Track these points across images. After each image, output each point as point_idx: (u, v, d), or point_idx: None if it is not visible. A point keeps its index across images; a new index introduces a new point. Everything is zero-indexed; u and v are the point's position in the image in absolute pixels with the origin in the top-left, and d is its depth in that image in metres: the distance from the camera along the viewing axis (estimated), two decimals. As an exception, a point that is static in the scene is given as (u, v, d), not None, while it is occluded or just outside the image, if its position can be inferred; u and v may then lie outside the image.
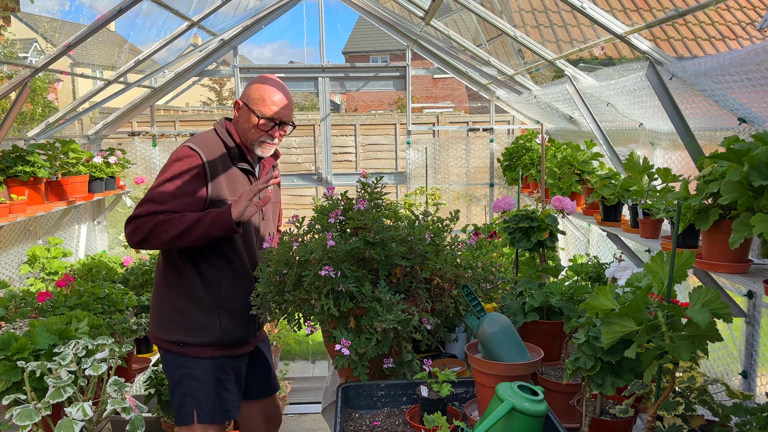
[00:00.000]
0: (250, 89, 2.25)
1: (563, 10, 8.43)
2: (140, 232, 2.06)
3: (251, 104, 2.21)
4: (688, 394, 1.71)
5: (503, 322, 1.82)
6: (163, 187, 2.10)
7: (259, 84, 2.24)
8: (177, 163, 2.11)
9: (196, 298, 2.20)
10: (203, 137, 2.21)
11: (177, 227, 2.06)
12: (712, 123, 2.28)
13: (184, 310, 2.20)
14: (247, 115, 2.23)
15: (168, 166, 2.13)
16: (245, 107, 2.23)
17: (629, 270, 2.26)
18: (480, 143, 4.80)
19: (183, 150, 2.14)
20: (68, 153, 3.62)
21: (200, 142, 2.17)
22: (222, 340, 2.22)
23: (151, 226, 2.05)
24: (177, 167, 2.11)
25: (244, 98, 2.25)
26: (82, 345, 2.25)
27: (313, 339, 5.45)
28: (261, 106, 2.20)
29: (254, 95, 2.22)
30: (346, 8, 4.47)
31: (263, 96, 2.21)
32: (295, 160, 8.00)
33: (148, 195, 2.11)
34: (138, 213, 2.08)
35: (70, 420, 1.99)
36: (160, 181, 2.11)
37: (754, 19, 8.55)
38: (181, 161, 2.11)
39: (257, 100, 2.21)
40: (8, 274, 3.55)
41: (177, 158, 2.12)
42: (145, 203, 2.09)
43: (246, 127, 2.23)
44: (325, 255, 2.02)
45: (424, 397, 1.82)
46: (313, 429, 4.41)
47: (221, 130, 2.25)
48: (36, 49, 11.45)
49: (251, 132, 2.23)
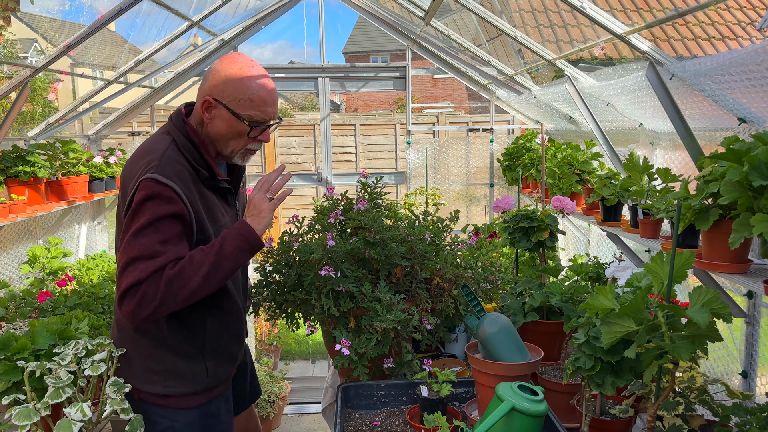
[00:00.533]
0: (225, 82, 1.66)
1: (563, 10, 8.43)
2: (150, 299, 1.54)
3: (234, 106, 1.66)
4: (688, 394, 1.71)
5: (503, 322, 1.82)
6: (145, 237, 1.56)
7: (238, 75, 1.67)
8: (150, 204, 1.56)
9: (175, 347, 1.74)
10: (168, 160, 1.62)
11: (197, 274, 1.56)
12: (712, 123, 2.27)
13: (162, 358, 1.74)
14: (227, 120, 1.67)
15: (139, 208, 1.57)
16: (224, 109, 1.66)
17: (629, 270, 2.26)
18: (480, 143, 4.80)
19: (152, 185, 1.56)
20: (68, 153, 3.62)
21: (169, 170, 1.60)
22: (210, 385, 1.81)
23: (163, 288, 1.54)
24: (152, 209, 1.57)
25: (217, 94, 1.66)
26: (82, 345, 2.25)
27: (313, 339, 5.45)
28: (250, 108, 1.67)
29: (236, 93, 1.66)
30: (346, 8, 4.47)
31: (250, 93, 1.66)
32: (295, 160, 8.00)
33: (130, 251, 1.55)
34: (135, 279, 1.53)
35: (68, 420, 1.99)
36: (137, 228, 1.56)
37: (754, 19, 8.55)
38: (154, 201, 1.57)
39: (243, 100, 1.66)
40: (8, 274, 3.55)
41: (147, 196, 1.56)
42: (134, 263, 1.54)
43: (226, 135, 1.69)
44: (325, 255, 2.02)
45: (424, 397, 1.82)
46: (313, 429, 4.42)
47: (182, 142, 1.67)
48: (36, 49, 11.45)
49: (234, 140, 1.70)
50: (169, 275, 1.54)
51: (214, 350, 1.79)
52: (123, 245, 1.57)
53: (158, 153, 1.64)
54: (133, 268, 1.54)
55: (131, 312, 1.54)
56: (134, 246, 1.55)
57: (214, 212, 1.72)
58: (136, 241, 1.55)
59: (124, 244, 1.57)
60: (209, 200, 1.72)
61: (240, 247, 1.62)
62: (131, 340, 1.77)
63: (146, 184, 1.57)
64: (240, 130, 1.69)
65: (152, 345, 1.74)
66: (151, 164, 1.60)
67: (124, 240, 1.57)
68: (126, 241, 1.57)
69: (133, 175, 1.62)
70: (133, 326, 1.73)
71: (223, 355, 1.82)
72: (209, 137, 1.72)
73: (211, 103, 1.67)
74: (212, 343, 1.78)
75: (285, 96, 17.49)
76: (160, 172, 1.58)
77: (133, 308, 1.54)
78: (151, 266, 1.54)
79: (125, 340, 1.78)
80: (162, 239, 1.56)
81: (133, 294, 1.53)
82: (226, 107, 1.66)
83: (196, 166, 1.68)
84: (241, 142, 1.72)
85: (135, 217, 1.57)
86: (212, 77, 1.68)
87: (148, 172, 1.58)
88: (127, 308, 1.54)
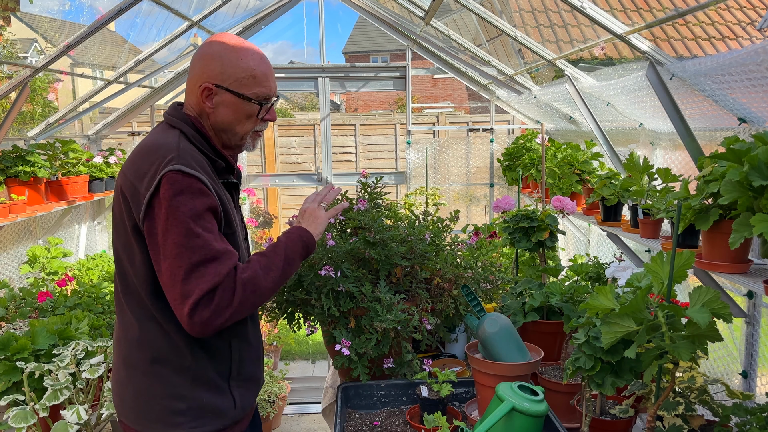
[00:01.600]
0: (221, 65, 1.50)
1: (563, 10, 8.43)
2: (226, 306, 1.38)
3: (237, 87, 1.51)
4: (688, 394, 1.71)
5: (503, 322, 1.82)
6: (198, 238, 1.37)
7: (231, 54, 1.51)
8: (183, 198, 1.38)
9: (199, 377, 1.50)
10: (185, 150, 1.45)
11: (267, 278, 1.46)
12: (712, 123, 2.28)
13: (186, 394, 1.49)
14: (232, 104, 1.52)
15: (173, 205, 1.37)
16: (228, 93, 1.51)
17: (629, 270, 2.26)
18: (480, 143, 4.80)
19: (179, 178, 1.38)
20: (68, 153, 3.62)
21: (191, 160, 1.44)
22: (237, 417, 1.58)
23: (240, 293, 1.40)
24: (189, 204, 1.38)
25: (216, 79, 1.50)
26: (82, 347, 2.25)
27: (313, 339, 5.45)
28: (254, 85, 1.52)
29: (236, 73, 1.50)
30: (346, 8, 4.47)
31: (251, 70, 1.52)
32: (295, 160, 8.00)
33: (187, 256, 1.35)
34: (210, 285, 1.35)
35: (65, 423, 1.99)
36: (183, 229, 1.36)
37: (754, 19, 8.55)
38: (187, 195, 1.38)
39: (246, 79, 1.51)
40: (8, 274, 3.55)
41: (178, 190, 1.37)
42: (199, 269, 1.35)
43: (233, 120, 1.54)
44: (325, 255, 2.02)
45: (424, 397, 1.82)
46: (313, 429, 4.42)
47: (191, 133, 1.51)
48: (36, 49, 11.45)
49: (241, 124, 1.55)
50: (243, 279, 1.41)
51: (239, 376, 1.58)
52: (170, 249, 1.36)
53: (172, 145, 1.45)
54: (200, 273, 1.35)
55: (204, 322, 1.35)
56: (189, 250, 1.36)
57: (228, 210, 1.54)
58: (190, 243, 1.36)
59: (172, 248, 1.35)
60: (226, 194, 1.57)
61: (302, 253, 1.57)
62: (147, 375, 1.48)
63: (172, 177, 1.37)
64: (248, 112, 1.55)
65: (173, 378, 1.49)
66: (168, 157, 1.40)
67: (168, 243, 1.36)
68: (174, 245, 1.35)
69: (144, 172, 1.40)
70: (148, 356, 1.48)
71: (248, 380, 1.62)
72: (214, 128, 1.55)
73: (212, 89, 1.50)
74: (237, 368, 1.57)
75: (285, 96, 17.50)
76: (183, 163, 1.40)
77: (207, 317, 1.35)
78: (221, 269, 1.37)
79: (138, 377, 1.50)
80: (214, 237, 1.40)
81: (207, 302, 1.35)
82: (228, 90, 1.51)
83: (212, 157, 1.53)
84: (250, 124, 1.57)
85: (171, 215, 1.36)
86: (203, 62, 1.51)
87: (169, 164, 1.38)
88: (200, 317, 1.35)
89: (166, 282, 1.38)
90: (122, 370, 1.53)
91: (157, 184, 1.38)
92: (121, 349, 1.53)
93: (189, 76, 1.56)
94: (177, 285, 1.35)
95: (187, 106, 1.56)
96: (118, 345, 1.55)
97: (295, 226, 1.63)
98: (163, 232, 1.37)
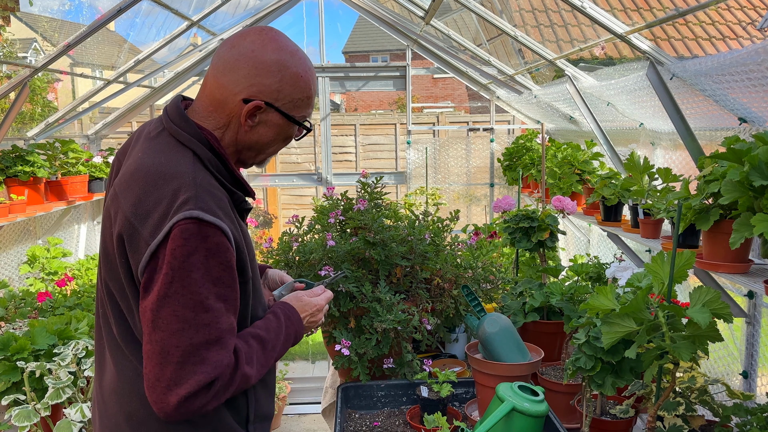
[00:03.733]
0: (281, 80, 1.23)
1: (563, 9, 8.42)
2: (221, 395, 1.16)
3: (290, 108, 1.26)
4: (688, 394, 1.71)
5: (503, 322, 1.82)
6: (206, 312, 1.12)
7: (290, 67, 1.24)
8: (199, 258, 1.11)
9: (217, 427, 1.28)
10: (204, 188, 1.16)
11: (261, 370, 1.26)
12: (713, 123, 2.27)
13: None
14: (277, 126, 1.27)
15: (184, 266, 1.10)
16: (276, 113, 1.25)
17: (630, 270, 2.25)
18: (480, 143, 4.80)
19: (196, 230, 1.11)
20: (68, 153, 3.62)
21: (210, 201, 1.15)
22: None
23: (237, 384, 1.19)
24: (204, 265, 1.12)
25: (271, 97, 1.23)
26: (82, 345, 2.25)
27: (313, 339, 5.45)
28: (306, 107, 1.29)
29: (294, 92, 1.25)
30: (346, 8, 4.46)
31: (309, 91, 1.28)
32: (295, 160, 8.00)
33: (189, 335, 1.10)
34: (209, 378, 1.12)
35: (68, 421, 1.99)
36: (195, 298, 1.11)
37: (755, 18, 8.55)
38: (204, 252, 1.12)
39: (302, 100, 1.27)
40: (8, 274, 3.54)
41: (194, 249, 1.11)
42: (199, 352, 1.11)
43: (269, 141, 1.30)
44: (325, 255, 2.02)
45: (424, 397, 1.82)
46: (313, 429, 4.41)
47: (208, 156, 1.22)
48: (35, 49, 11.45)
49: (275, 145, 1.32)
50: (242, 376, 1.19)
51: (256, 419, 1.40)
52: (168, 321, 1.10)
53: (186, 178, 1.15)
54: (200, 359, 1.11)
55: (185, 413, 1.12)
56: (193, 328, 1.11)
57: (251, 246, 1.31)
58: (196, 319, 1.11)
59: (172, 320, 1.10)
60: (245, 230, 1.30)
61: (297, 334, 1.39)
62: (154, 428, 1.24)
63: (188, 228, 1.10)
64: (288, 134, 1.31)
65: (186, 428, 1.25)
66: (181, 196, 1.13)
67: (167, 312, 1.10)
68: (175, 318, 1.10)
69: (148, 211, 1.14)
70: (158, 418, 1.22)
71: (264, 420, 1.43)
72: (238, 145, 1.28)
73: (262, 107, 1.23)
74: (255, 411, 1.38)
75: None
76: (202, 207, 1.12)
77: (193, 409, 1.12)
78: (222, 358, 1.14)
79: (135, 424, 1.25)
80: (225, 308, 1.15)
81: (202, 395, 1.12)
82: (279, 111, 1.25)
83: (230, 187, 1.25)
84: (281, 145, 1.34)
85: (178, 279, 1.10)
86: (253, 70, 1.21)
87: (183, 208, 1.11)
88: (186, 410, 1.11)
89: (151, 355, 1.11)
90: (123, 424, 1.25)
91: (167, 233, 1.10)
92: (121, 402, 1.25)
93: (220, 78, 1.24)
94: (168, 366, 1.10)
95: (202, 113, 1.26)
96: (114, 397, 1.26)
97: (299, 319, 1.40)
98: (163, 297, 1.10)
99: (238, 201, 1.28)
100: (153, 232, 1.12)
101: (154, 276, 1.11)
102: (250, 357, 1.22)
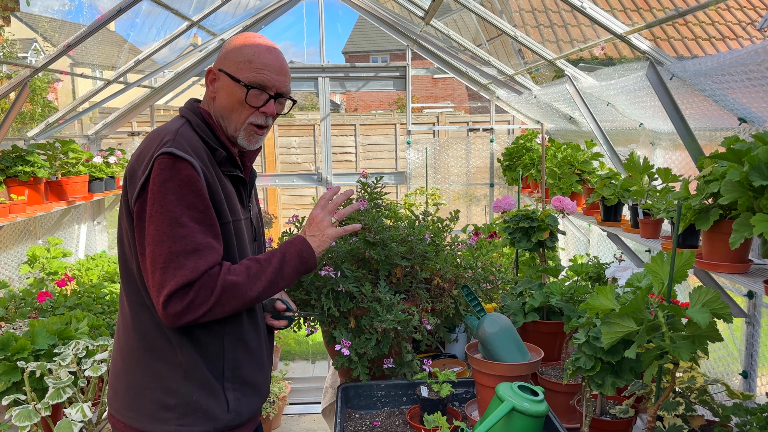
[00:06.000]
0: (228, 51, 1.55)
1: (563, 9, 8.43)
2: (200, 304, 1.38)
3: (234, 70, 1.52)
4: (688, 394, 1.71)
5: (503, 322, 1.82)
6: (182, 227, 1.37)
7: (241, 43, 1.55)
8: (172, 184, 1.38)
9: (190, 372, 1.48)
10: (183, 135, 1.47)
11: (252, 288, 1.45)
12: (713, 123, 2.28)
13: (177, 389, 1.47)
14: (227, 87, 1.53)
15: (161, 190, 1.38)
16: (225, 76, 1.53)
17: (629, 270, 2.26)
18: (480, 143, 4.80)
19: (169, 162, 1.39)
20: (68, 153, 3.62)
21: (185, 143, 1.44)
22: (232, 423, 1.53)
23: (217, 293, 1.39)
24: (178, 190, 1.39)
25: (219, 64, 1.55)
26: (83, 345, 2.25)
27: (313, 339, 5.45)
28: (248, 69, 1.52)
29: (236, 57, 1.53)
30: (346, 8, 4.46)
31: (249, 55, 1.53)
32: (295, 160, 8.00)
33: (168, 244, 1.36)
34: (185, 280, 1.35)
35: (69, 421, 1.99)
36: (168, 217, 1.37)
37: (755, 19, 8.56)
38: (177, 180, 1.39)
39: (242, 62, 1.52)
40: (8, 274, 3.55)
41: (169, 176, 1.39)
42: (177, 259, 1.35)
43: (227, 106, 1.54)
44: (325, 255, 2.02)
45: (424, 397, 1.82)
46: (313, 429, 4.42)
47: (196, 122, 1.53)
48: (35, 49, 11.45)
49: (236, 111, 1.54)
50: (227, 281, 1.40)
51: (234, 378, 1.53)
52: (153, 235, 1.36)
53: (171, 130, 1.47)
54: (177, 265, 1.35)
55: (176, 314, 1.36)
56: (171, 239, 1.36)
57: (232, 201, 1.54)
58: (173, 232, 1.36)
59: (155, 234, 1.36)
60: (227, 187, 1.54)
61: (298, 269, 1.54)
62: (141, 366, 1.48)
63: (164, 161, 1.38)
64: (239, 97, 1.52)
65: (166, 373, 1.47)
66: (164, 141, 1.43)
67: (151, 229, 1.36)
68: (157, 232, 1.36)
69: (144, 158, 1.43)
70: (144, 346, 1.48)
71: (245, 385, 1.56)
72: (216, 116, 1.56)
73: (215, 73, 1.55)
74: (232, 370, 1.53)
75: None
76: (176, 146, 1.41)
77: (179, 311, 1.36)
78: (200, 265, 1.37)
79: (132, 368, 1.50)
80: (201, 229, 1.39)
81: (182, 296, 1.36)
82: (226, 73, 1.53)
83: (213, 145, 1.52)
84: (243, 113, 1.54)
85: (157, 201, 1.37)
86: (220, 52, 1.59)
87: (162, 147, 1.40)
88: (173, 309, 1.36)
89: (147, 268, 1.39)
90: (119, 360, 1.54)
91: (151, 167, 1.39)
92: (119, 339, 1.55)
93: None
94: (156, 272, 1.36)
95: (203, 99, 1.62)
96: (117, 335, 1.57)
97: (300, 238, 1.57)
98: (149, 217, 1.38)
99: (220, 158, 1.53)
100: (144, 169, 1.41)
101: (144, 204, 1.40)
102: (237, 270, 1.44)
